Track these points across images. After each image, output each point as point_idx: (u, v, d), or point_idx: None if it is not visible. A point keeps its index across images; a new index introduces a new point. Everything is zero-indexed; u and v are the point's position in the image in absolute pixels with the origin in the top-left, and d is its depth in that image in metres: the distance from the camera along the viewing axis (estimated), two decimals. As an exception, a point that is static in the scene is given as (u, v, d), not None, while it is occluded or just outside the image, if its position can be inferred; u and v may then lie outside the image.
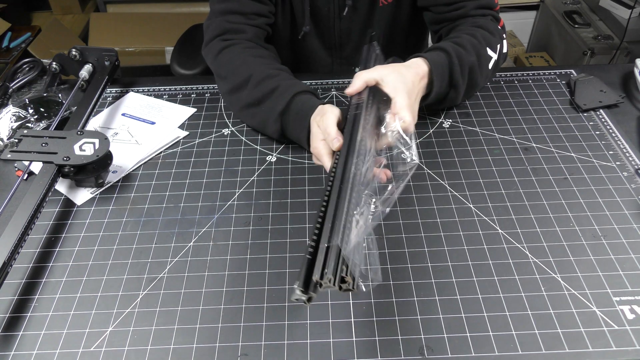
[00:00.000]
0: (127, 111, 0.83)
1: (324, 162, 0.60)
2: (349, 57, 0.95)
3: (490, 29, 0.76)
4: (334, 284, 0.41)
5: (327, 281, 0.40)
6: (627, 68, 0.88)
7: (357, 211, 0.48)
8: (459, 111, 0.80)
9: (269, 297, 0.56)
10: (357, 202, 0.49)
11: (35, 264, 0.60)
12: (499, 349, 0.51)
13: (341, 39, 0.92)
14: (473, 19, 0.79)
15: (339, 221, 0.45)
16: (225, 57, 0.77)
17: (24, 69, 0.89)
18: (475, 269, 0.58)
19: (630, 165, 0.70)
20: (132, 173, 0.72)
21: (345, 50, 0.94)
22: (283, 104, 0.69)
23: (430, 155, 0.73)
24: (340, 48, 0.94)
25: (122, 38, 2.02)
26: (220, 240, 0.62)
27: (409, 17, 0.91)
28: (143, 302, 0.56)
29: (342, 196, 0.48)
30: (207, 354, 0.51)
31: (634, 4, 1.69)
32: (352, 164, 0.52)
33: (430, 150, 0.73)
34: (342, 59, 0.95)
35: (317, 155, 0.62)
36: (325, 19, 0.88)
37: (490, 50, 0.74)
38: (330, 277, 0.41)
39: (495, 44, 0.75)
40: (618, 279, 0.57)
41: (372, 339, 0.52)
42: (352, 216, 0.47)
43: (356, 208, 0.48)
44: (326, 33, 0.91)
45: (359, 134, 0.56)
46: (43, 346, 0.52)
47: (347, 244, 0.43)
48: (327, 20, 0.88)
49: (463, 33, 0.75)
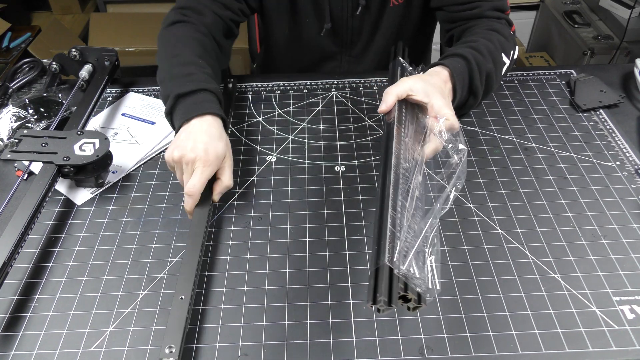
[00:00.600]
0: (127, 111, 0.83)
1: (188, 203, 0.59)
2: (358, 55, 0.96)
3: (505, 34, 0.76)
4: (390, 304, 0.41)
5: (383, 303, 0.41)
6: (627, 68, 0.88)
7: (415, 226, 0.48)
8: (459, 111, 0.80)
9: (269, 297, 0.56)
10: (413, 217, 0.49)
11: (35, 264, 0.60)
12: (499, 349, 0.51)
13: (352, 37, 0.92)
14: (488, 21, 0.78)
15: (384, 241, 0.45)
16: (172, 30, 0.75)
17: (24, 69, 0.89)
18: (475, 268, 0.58)
19: (630, 165, 0.70)
20: (132, 173, 0.72)
21: (355, 48, 0.95)
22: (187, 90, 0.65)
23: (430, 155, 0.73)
24: (350, 46, 0.94)
25: (122, 38, 2.02)
26: (220, 240, 0.62)
27: (418, 18, 0.91)
28: (143, 302, 0.56)
29: (384, 215, 0.48)
30: (207, 354, 0.51)
31: (634, 4, 1.69)
32: (391, 181, 0.52)
33: (430, 150, 0.73)
34: (352, 57, 0.96)
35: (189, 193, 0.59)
36: (338, 17, 0.89)
37: (505, 56, 0.74)
38: (383, 299, 0.41)
39: (509, 50, 0.75)
40: (618, 279, 0.57)
41: (372, 339, 0.52)
42: (406, 232, 0.47)
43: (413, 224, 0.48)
44: (338, 31, 0.91)
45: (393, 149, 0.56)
46: (43, 346, 0.52)
47: (400, 261, 0.43)
48: (340, 18, 0.89)
49: (480, 37, 0.74)
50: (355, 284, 0.57)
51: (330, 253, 0.60)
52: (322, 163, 0.72)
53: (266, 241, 0.62)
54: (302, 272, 0.58)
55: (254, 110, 0.83)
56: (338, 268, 0.59)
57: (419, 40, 0.98)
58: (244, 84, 0.88)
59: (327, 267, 0.59)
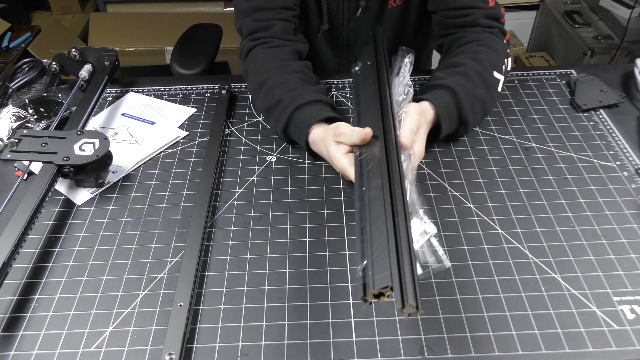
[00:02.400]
0: (127, 111, 0.83)
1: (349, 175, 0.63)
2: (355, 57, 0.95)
3: (496, 47, 0.75)
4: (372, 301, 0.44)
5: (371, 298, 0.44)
6: (627, 68, 0.88)
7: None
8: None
9: (269, 297, 0.56)
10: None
11: (35, 264, 0.60)
12: (499, 349, 0.51)
13: (349, 39, 0.92)
14: (480, 32, 0.78)
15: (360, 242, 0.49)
16: (250, 57, 0.78)
17: (24, 69, 0.89)
18: (475, 269, 0.58)
19: (630, 165, 0.70)
20: (132, 173, 0.72)
21: (353, 50, 0.94)
22: (284, 120, 0.70)
23: (430, 156, 0.73)
24: (347, 48, 0.94)
25: (122, 38, 2.02)
26: (220, 240, 0.62)
27: (416, 20, 0.91)
28: (143, 302, 0.56)
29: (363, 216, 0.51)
30: (207, 354, 0.51)
31: (634, 4, 1.69)
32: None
33: (431, 151, 0.73)
34: (349, 59, 0.96)
35: (342, 171, 0.64)
36: (334, 19, 0.88)
37: (497, 72, 0.73)
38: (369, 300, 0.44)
39: (500, 65, 0.74)
40: (618, 279, 0.57)
41: (372, 339, 0.52)
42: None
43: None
44: (335, 33, 0.91)
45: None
46: (43, 346, 0.52)
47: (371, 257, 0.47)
48: (336, 20, 0.89)
49: (467, 58, 0.73)
50: (355, 284, 0.57)
51: (330, 253, 0.60)
52: (322, 163, 0.72)
53: (266, 241, 0.62)
54: (302, 272, 0.58)
55: (254, 110, 0.83)
56: (338, 268, 0.59)
57: (417, 43, 0.98)
58: (244, 84, 0.88)
59: (327, 267, 0.59)
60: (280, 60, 0.76)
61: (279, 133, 0.73)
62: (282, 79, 0.73)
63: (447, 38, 0.82)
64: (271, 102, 0.72)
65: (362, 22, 0.89)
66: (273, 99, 0.71)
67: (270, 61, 0.76)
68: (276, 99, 0.71)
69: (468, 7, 0.78)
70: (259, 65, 0.76)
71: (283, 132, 0.72)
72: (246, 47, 0.79)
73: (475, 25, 0.78)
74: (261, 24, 0.80)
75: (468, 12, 0.78)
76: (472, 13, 0.78)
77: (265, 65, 0.75)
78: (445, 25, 0.82)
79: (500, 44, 0.77)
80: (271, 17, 0.80)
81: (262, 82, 0.74)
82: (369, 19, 0.89)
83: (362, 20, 0.89)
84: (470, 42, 0.76)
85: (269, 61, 0.76)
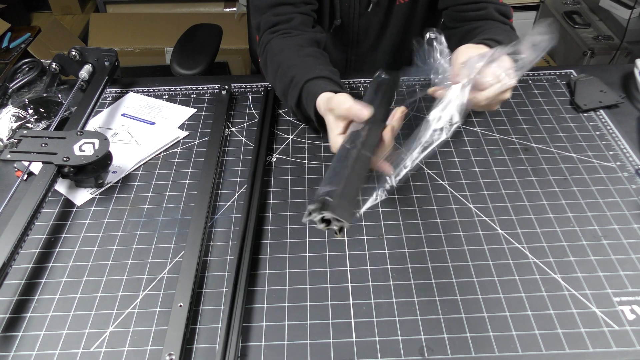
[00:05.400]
0: (127, 111, 0.83)
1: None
2: (363, 54, 0.96)
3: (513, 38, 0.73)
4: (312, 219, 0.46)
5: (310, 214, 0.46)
6: (627, 68, 0.88)
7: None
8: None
9: (269, 297, 0.56)
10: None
11: (35, 265, 0.60)
12: (499, 350, 0.51)
13: (359, 35, 0.92)
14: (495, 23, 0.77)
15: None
16: (268, 48, 0.78)
17: (24, 69, 0.89)
18: (476, 269, 0.58)
19: (630, 166, 0.70)
20: (132, 173, 0.72)
21: (361, 47, 0.95)
22: (296, 95, 0.69)
23: (430, 155, 0.73)
24: (356, 45, 0.94)
25: (122, 38, 2.02)
26: (220, 241, 0.62)
27: (423, 17, 0.91)
28: (143, 303, 0.56)
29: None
30: (207, 354, 0.51)
31: (634, 4, 1.69)
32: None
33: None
34: (357, 56, 0.96)
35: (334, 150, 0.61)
36: (346, 14, 0.89)
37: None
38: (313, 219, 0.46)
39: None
40: (618, 279, 0.57)
41: (372, 339, 0.52)
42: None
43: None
44: (345, 30, 0.91)
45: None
46: (43, 347, 0.52)
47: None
48: (347, 16, 0.89)
49: (499, 35, 0.71)
50: (355, 285, 0.57)
51: (330, 253, 0.60)
52: (322, 163, 0.72)
53: (266, 241, 0.62)
54: (302, 273, 0.58)
55: (254, 111, 0.83)
56: (338, 268, 0.59)
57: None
58: (244, 84, 0.88)
59: (327, 267, 0.59)
60: (297, 45, 0.76)
61: (293, 108, 0.72)
62: (296, 61, 0.72)
63: (460, 29, 0.82)
64: (285, 82, 0.71)
65: (372, 19, 0.90)
66: (287, 79, 0.71)
67: (287, 47, 0.75)
68: (290, 77, 0.70)
69: (481, 2, 0.79)
70: (276, 52, 0.76)
71: (297, 105, 0.71)
72: (264, 40, 0.79)
73: (490, 19, 0.78)
74: (281, 17, 0.79)
75: (482, 5, 0.79)
76: (485, 7, 0.78)
77: (283, 51, 0.75)
78: (458, 18, 0.82)
79: (515, 36, 0.76)
80: (291, 11, 0.80)
81: (278, 67, 0.73)
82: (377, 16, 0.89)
83: (372, 17, 0.89)
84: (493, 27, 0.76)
85: (286, 48, 0.75)
